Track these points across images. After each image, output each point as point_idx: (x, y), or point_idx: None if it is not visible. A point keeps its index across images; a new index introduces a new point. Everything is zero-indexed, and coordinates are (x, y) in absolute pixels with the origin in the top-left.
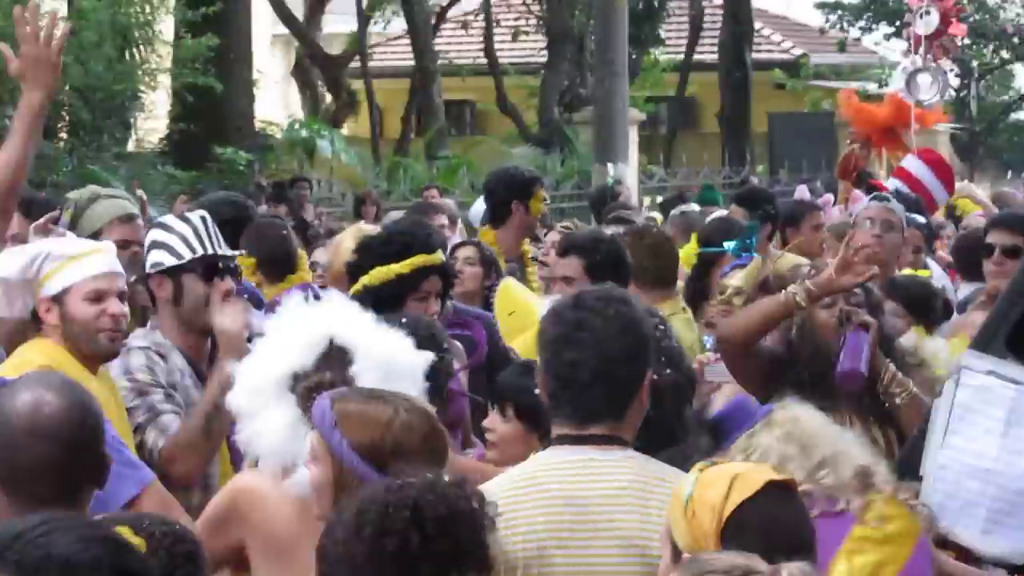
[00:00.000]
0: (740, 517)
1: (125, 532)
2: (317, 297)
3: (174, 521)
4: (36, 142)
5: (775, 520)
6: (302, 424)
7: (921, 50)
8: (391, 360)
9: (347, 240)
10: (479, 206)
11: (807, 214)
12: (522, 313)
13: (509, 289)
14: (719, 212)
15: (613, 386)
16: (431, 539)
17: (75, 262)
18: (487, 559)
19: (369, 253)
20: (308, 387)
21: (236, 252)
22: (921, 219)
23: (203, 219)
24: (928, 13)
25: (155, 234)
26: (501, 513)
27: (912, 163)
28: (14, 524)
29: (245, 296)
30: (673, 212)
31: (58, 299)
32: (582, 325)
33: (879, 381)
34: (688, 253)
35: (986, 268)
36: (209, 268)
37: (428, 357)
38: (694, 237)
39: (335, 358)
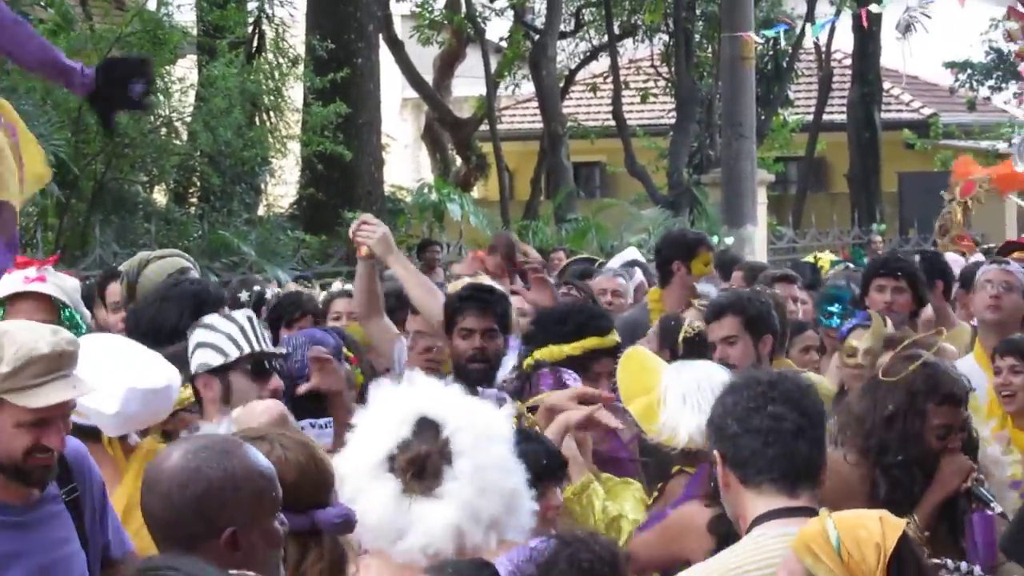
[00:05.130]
0: (900, 554)
1: None
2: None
3: None
4: None
5: (919, 555)
6: (404, 498)
7: None
8: (481, 426)
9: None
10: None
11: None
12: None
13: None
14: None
15: None
16: None
17: None
18: None
19: (543, 329)
20: (408, 459)
21: (280, 350)
22: None
23: (249, 318)
24: None
25: (199, 335)
26: None
27: None
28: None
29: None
30: None
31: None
32: None
33: None
34: None
35: None
36: (257, 366)
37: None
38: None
39: (427, 431)
